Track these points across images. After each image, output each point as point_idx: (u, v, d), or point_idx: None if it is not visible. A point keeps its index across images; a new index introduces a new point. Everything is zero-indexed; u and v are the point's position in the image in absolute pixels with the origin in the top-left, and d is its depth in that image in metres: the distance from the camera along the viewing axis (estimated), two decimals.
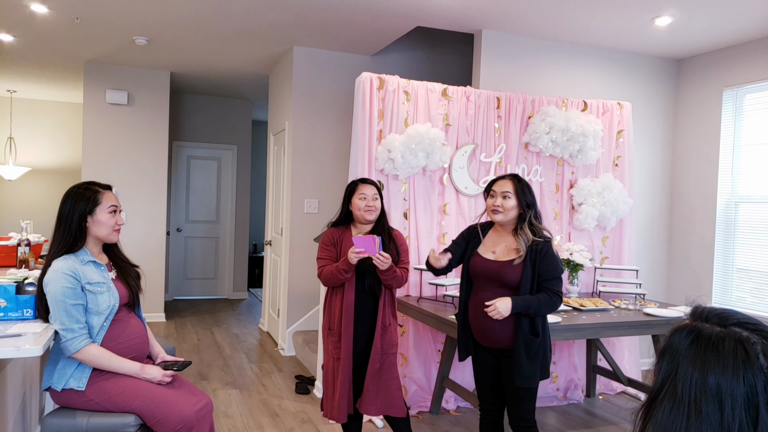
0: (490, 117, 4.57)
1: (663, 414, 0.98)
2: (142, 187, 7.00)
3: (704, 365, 0.95)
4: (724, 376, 0.93)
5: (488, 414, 3.05)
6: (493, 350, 2.89)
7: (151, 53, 6.20)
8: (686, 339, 1.00)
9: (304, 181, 5.92)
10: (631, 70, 5.47)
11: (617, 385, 4.99)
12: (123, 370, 2.47)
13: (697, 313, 1.05)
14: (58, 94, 8.33)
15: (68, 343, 2.37)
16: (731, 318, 1.00)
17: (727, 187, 5.18)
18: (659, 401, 1.00)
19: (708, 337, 0.98)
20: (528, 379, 2.77)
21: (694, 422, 0.94)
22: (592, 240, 4.88)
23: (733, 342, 0.95)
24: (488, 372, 2.97)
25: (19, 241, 4.00)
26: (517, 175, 2.94)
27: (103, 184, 2.62)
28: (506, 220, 2.87)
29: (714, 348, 0.96)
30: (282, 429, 4.01)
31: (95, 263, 2.52)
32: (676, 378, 0.98)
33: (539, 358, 2.78)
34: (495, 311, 2.71)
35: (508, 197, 2.84)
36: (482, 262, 2.89)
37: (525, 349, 2.75)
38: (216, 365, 5.48)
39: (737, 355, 0.94)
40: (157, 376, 2.51)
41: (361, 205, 3.15)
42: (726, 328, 0.98)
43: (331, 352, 3.18)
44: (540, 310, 2.74)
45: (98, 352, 2.42)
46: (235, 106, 8.86)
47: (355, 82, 4.30)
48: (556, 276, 2.78)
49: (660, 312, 3.97)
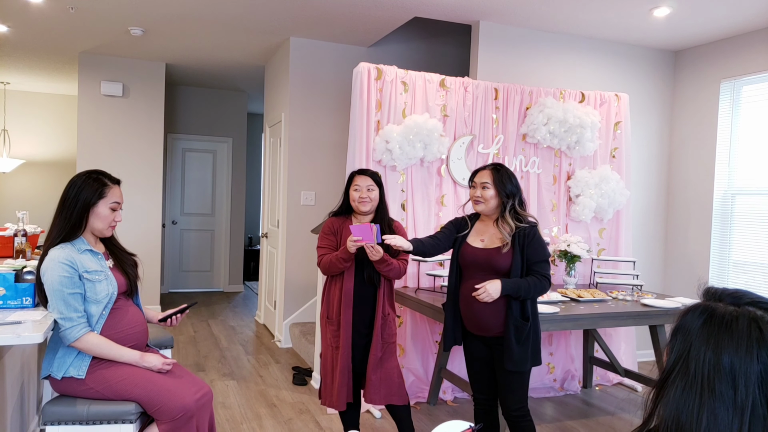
0: (487, 108, 4.57)
1: (675, 393, 0.98)
2: (138, 180, 6.97)
3: (718, 344, 0.95)
4: (738, 355, 0.93)
5: (481, 403, 3.07)
6: (485, 338, 2.90)
7: (147, 44, 6.16)
8: (699, 319, 1.00)
9: (301, 172, 5.90)
10: (629, 62, 5.47)
11: (614, 376, 5.01)
12: (123, 359, 2.46)
13: (710, 293, 1.05)
14: (52, 86, 8.27)
15: (67, 332, 2.36)
16: (745, 297, 1.00)
17: (724, 179, 5.20)
18: (671, 381, 1.00)
19: (722, 316, 0.98)
20: (517, 362, 2.78)
21: (707, 401, 0.94)
22: (589, 231, 4.89)
23: (747, 321, 0.95)
24: (480, 361, 2.99)
25: (15, 232, 3.97)
26: (498, 165, 2.96)
27: (113, 177, 2.59)
28: (487, 210, 2.92)
29: (728, 327, 0.96)
30: (280, 419, 4.01)
31: (92, 252, 2.50)
32: (689, 357, 0.98)
33: (529, 343, 2.80)
34: (485, 293, 2.72)
35: (487, 187, 2.89)
36: (472, 250, 2.92)
37: (515, 333, 2.77)
38: (213, 357, 5.47)
39: (751, 333, 0.93)
40: (157, 365, 2.50)
41: (355, 196, 3.15)
42: (740, 308, 0.98)
43: (330, 341, 3.18)
44: (530, 292, 2.76)
45: (97, 340, 2.41)
46: (231, 98, 8.82)
47: (353, 73, 4.28)
48: (543, 259, 2.82)
49: (657, 303, 3.99)
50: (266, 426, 3.90)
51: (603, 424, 4.11)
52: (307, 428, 3.88)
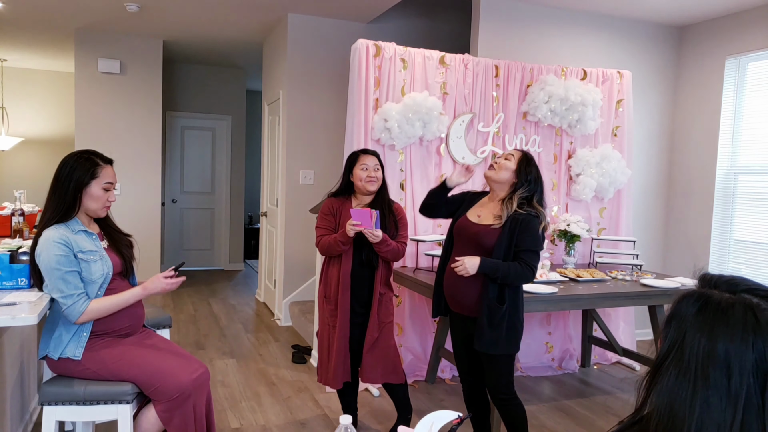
0: (488, 86, 4.51)
1: (669, 380, 0.97)
2: (137, 158, 6.93)
3: (712, 331, 0.93)
4: (733, 343, 0.91)
5: (470, 384, 3.07)
6: (463, 317, 2.90)
7: (143, 20, 6.08)
8: (694, 306, 0.98)
9: (300, 151, 5.86)
10: (632, 39, 5.39)
11: (612, 355, 5.03)
12: (129, 302, 2.47)
13: (705, 280, 1.03)
14: (49, 63, 8.19)
15: (70, 309, 2.35)
16: (741, 284, 0.98)
17: (727, 158, 5.15)
18: (665, 368, 0.98)
19: (717, 303, 0.96)
20: (487, 344, 2.74)
21: (700, 388, 0.92)
22: (589, 211, 4.86)
23: (743, 308, 0.93)
24: (459, 339, 2.99)
25: (12, 211, 3.96)
26: (529, 154, 2.92)
27: (105, 157, 2.56)
28: (497, 179, 2.86)
29: (723, 314, 0.94)
30: (279, 397, 4.03)
31: (86, 232, 2.48)
32: (683, 344, 0.96)
33: (503, 328, 2.74)
34: (462, 267, 2.70)
35: (510, 159, 2.86)
36: (465, 222, 2.91)
37: (488, 315, 2.73)
38: (213, 335, 5.49)
39: (747, 321, 0.92)
40: (162, 285, 2.48)
41: (362, 175, 3.12)
42: (735, 295, 0.96)
43: (327, 320, 3.19)
44: (508, 277, 2.70)
45: (99, 304, 2.41)
46: (229, 75, 8.74)
47: (351, 50, 4.22)
48: (532, 249, 2.74)
49: (656, 283, 3.98)
50: (265, 404, 3.92)
51: (600, 404, 4.12)
52: (305, 406, 3.90)
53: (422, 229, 4.40)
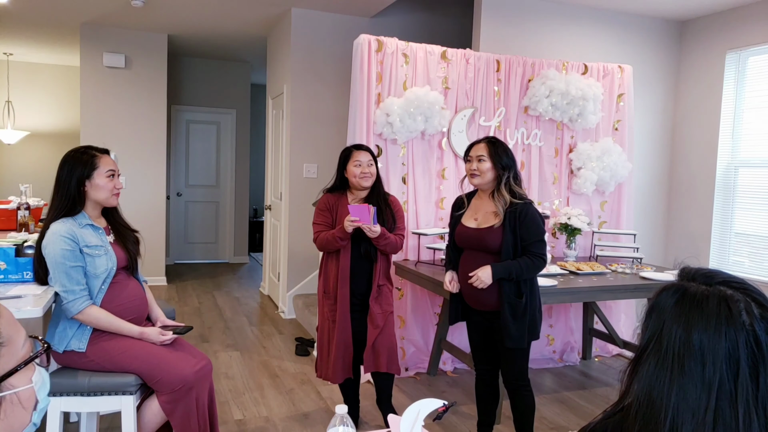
0: (489, 80, 4.53)
1: (648, 370, 1.00)
2: (142, 151, 6.98)
3: (688, 322, 0.97)
4: (707, 333, 0.95)
5: (484, 374, 3.12)
6: (484, 313, 2.95)
7: (148, 15, 6.12)
8: (672, 297, 1.02)
9: (303, 145, 5.90)
10: (633, 33, 5.39)
11: (613, 347, 5.05)
12: (124, 332, 2.51)
13: (684, 273, 1.07)
14: (55, 57, 8.24)
15: (70, 305, 2.40)
16: (717, 277, 1.02)
17: (728, 151, 5.16)
18: (645, 358, 1.02)
19: (693, 295, 0.99)
20: (516, 340, 2.82)
21: (677, 377, 0.96)
22: (590, 204, 4.89)
23: (717, 300, 0.96)
24: (481, 334, 3.03)
25: (18, 205, 4.01)
26: (493, 138, 2.98)
27: (100, 148, 2.62)
28: (483, 183, 2.91)
29: (698, 306, 0.97)
30: (282, 389, 4.08)
31: (93, 226, 2.53)
32: (662, 335, 1.00)
33: (526, 319, 2.82)
34: (478, 281, 2.78)
35: (483, 160, 2.89)
36: (465, 230, 2.95)
37: (511, 311, 2.80)
38: (217, 328, 5.55)
39: (720, 312, 0.95)
40: (157, 339, 2.54)
41: (356, 171, 3.15)
42: (711, 287, 1.00)
43: (327, 315, 3.22)
44: (522, 273, 2.78)
45: (99, 313, 2.45)
46: (234, 69, 8.77)
47: (354, 45, 4.25)
48: (538, 239, 2.81)
49: (656, 276, 4.00)
50: (268, 396, 3.97)
51: (600, 395, 4.16)
52: (308, 398, 3.95)
53: (424, 223, 4.44)
